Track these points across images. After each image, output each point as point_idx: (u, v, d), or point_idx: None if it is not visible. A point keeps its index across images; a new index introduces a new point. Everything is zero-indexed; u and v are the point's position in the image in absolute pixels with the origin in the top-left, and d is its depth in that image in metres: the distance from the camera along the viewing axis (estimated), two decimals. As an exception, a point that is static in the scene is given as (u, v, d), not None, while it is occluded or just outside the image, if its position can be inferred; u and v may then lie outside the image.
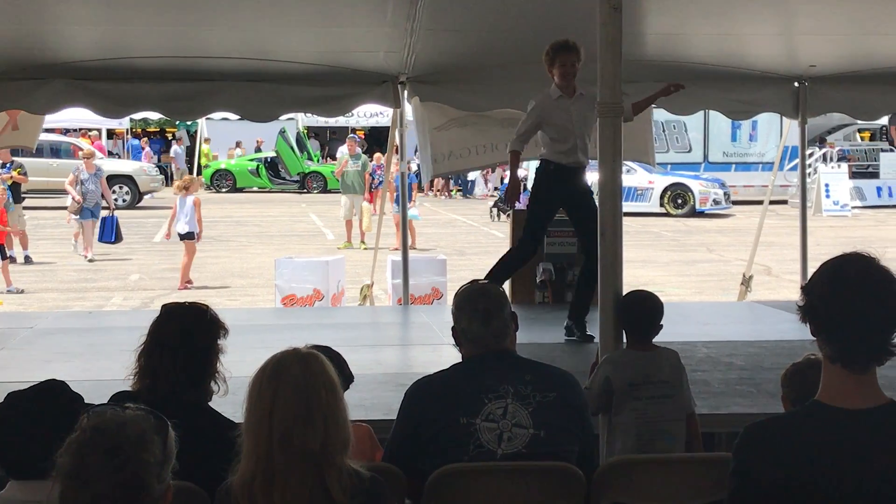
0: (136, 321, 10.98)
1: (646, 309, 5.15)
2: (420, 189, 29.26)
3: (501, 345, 4.40)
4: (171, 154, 40.70)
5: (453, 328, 4.49)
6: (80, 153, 24.02)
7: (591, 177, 27.25)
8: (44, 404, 3.43)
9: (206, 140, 41.78)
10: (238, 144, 42.36)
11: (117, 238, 20.54)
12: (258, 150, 41.94)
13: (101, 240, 20.56)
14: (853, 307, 2.82)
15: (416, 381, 4.44)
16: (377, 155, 26.01)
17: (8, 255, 17.72)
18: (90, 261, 20.45)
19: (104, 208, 20.78)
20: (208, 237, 24.71)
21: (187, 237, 17.81)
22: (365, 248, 21.77)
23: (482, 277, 8.85)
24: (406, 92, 10.73)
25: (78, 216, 20.81)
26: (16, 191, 20.34)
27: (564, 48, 8.56)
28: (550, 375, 4.42)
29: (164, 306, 4.26)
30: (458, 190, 39.49)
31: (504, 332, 4.41)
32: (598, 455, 4.75)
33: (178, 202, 18.03)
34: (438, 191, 39.58)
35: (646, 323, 5.11)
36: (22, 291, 17.04)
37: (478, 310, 4.39)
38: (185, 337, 4.08)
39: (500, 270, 9.00)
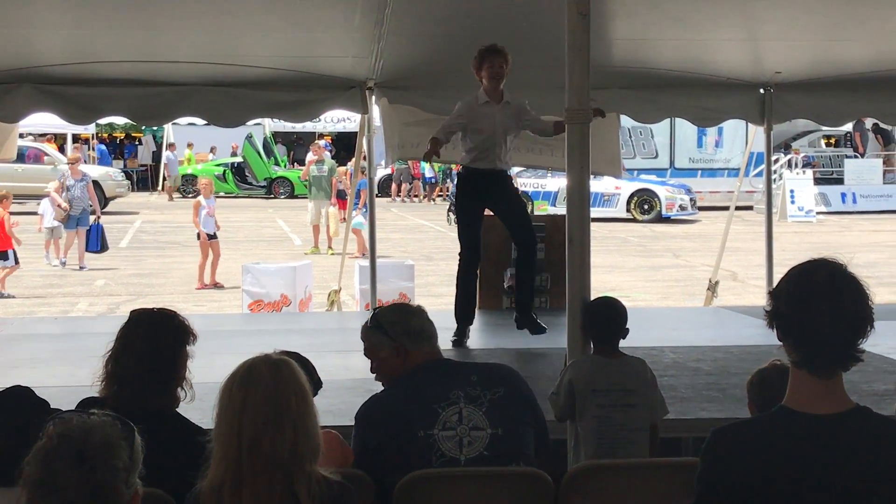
0: (103, 327, 10.94)
1: (608, 315, 5.18)
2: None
3: (438, 348, 4.55)
4: (164, 160, 40.21)
5: (399, 340, 4.49)
6: (67, 158, 24.57)
7: (558, 183, 27.17)
8: (9, 411, 3.41)
9: (189, 145, 41.61)
10: (212, 150, 42.22)
11: (103, 247, 20.37)
12: (234, 154, 41.74)
13: (87, 249, 20.32)
14: (819, 313, 2.83)
15: (363, 403, 4.45)
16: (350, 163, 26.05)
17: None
18: (81, 268, 20.18)
19: (91, 213, 20.57)
20: (174, 242, 24.68)
21: (213, 237, 18.67)
22: (332, 254, 21.74)
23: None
24: (374, 97, 10.73)
25: (60, 224, 20.50)
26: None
27: (491, 51, 8.54)
28: (494, 371, 4.53)
29: (132, 312, 4.24)
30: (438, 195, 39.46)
31: (436, 331, 4.59)
32: (549, 440, 4.73)
33: (206, 203, 18.69)
34: (416, 195, 39.63)
35: (609, 329, 5.14)
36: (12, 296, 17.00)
37: (414, 312, 4.63)
38: (153, 343, 4.05)
39: (461, 292, 9.03)
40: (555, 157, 11.29)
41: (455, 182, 9.21)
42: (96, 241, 20.25)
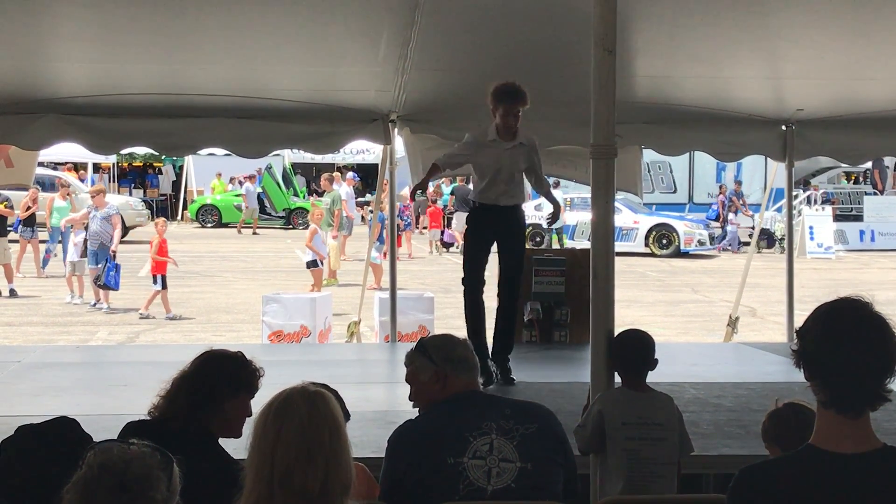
0: (123, 356, 10.97)
1: (638, 347, 5.17)
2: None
3: (477, 379, 4.60)
4: (243, 191, 40.18)
5: (441, 366, 4.55)
6: (90, 189, 22.00)
7: (576, 217, 27.03)
8: (56, 441, 3.44)
9: (218, 175, 41.70)
10: (232, 180, 42.30)
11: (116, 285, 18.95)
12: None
13: (105, 281, 18.68)
14: (847, 352, 2.84)
15: (397, 427, 4.48)
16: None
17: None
18: (110, 310, 18.68)
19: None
20: (194, 272, 24.73)
21: (312, 265, 19.29)
22: (333, 284, 21.78)
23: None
24: (396, 130, 10.78)
25: (83, 259, 19.40)
26: (1, 224, 20.32)
27: (511, 95, 8.36)
28: (528, 408, 4.53)
29: (208, 351, 4.40)
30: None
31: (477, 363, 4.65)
32: (579, 483, 4.73)
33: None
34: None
35: (638, 361, 5.12)
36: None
37: (459, 342, 4.68)
38: (224, 384, 4.22)
39: (473, 327, 8.93)
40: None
41: (469, 212, 9.15)
42: (116, 279, 18.70)
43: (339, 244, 23.76)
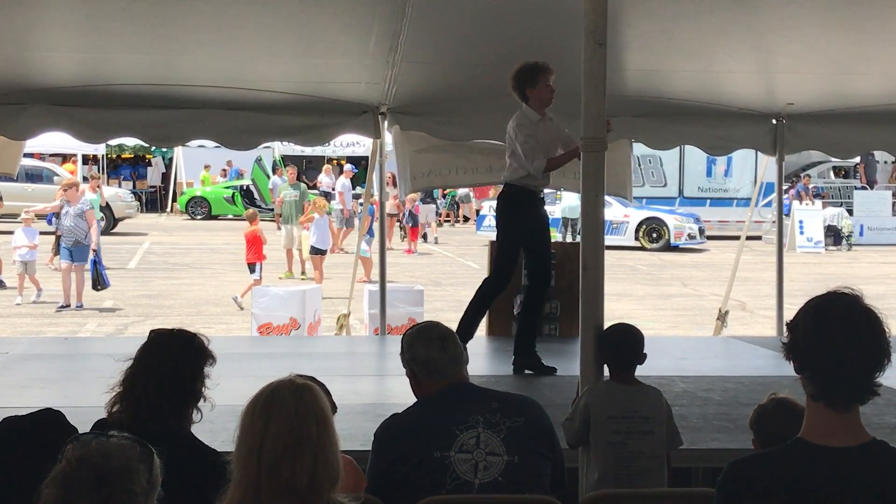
0: (111, 348, 10.95)
1: (626, 341, 5.16)
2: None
3: (461, 372, 4.50)
4: (270, 185, 40.15)
5: (410, 367, 4.53)
6: (63, 182, 20.69)
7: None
8: (41, 433, 3.41)
9: (206, 167, 41.63)
10: (219, 170, 42.27)
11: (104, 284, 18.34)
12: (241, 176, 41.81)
13: (105, 283, 18.15)
14: (836, 346, 2.84)
15: (384, 420, 4.46)
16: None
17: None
18: (78, 307, 17.94)
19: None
20: (182, 264, 24.69)
21: (320, 252, 20.20)
22: (304, 279, 21.83)
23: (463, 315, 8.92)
24: (386, 122, 10.75)
25: (34, 260, 18.76)
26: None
27: (546, 66, 8.38)
28: (515, 401, 4.50)
29: (152, 332, 4.25)
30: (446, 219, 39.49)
31: (460, 356, 4.52)
32: (566, 476, 4.72)
33: (316, 222, 20.51)
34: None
35: (626, 355, 5.11)
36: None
37: (432, 338, 4.51)
38: (172, 364, 4.06)
39: (474, 321, 8.95)
40: (566, 178, 11.30)
41: (508, 201, 8.87)
42: (104, 279, 18.14)
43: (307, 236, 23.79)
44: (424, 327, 4.62)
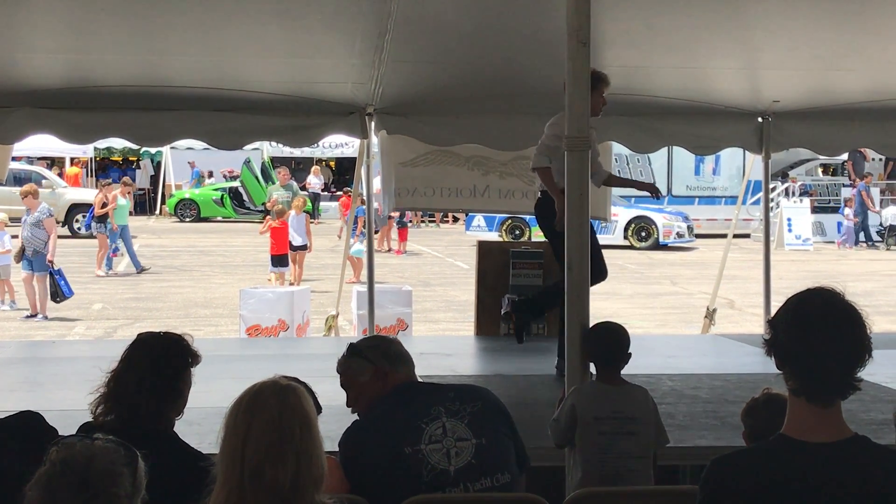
0: (100, 351, 10.92)
1: (612, 340, 5.15)
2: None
3: (413, 372, 4.71)
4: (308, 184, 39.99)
5: (379, 363, 4.64)
6: (21, 190, 19.40)
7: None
8: (19, 436, 3.40)
9: (191, 164, 41.61)
10: (210, 174, 42.24)
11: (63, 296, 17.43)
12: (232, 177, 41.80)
13: (65, 294, 17.33)
14: (817, 341, 2.85)
15: (345, 430, 4.51)
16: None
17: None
18: (44, 317, 17.30)
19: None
20: (171, 266, 24.65)
21: (301, 248, 20.36)
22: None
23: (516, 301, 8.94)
24: (373, 123, 10.73)
25: (8, 264, 18.07)
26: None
27: (606, 79, 8.26)
28: (469, 389, 4.71)
29: (139, 334, 4.25)
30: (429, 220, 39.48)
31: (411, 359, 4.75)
32: (528, 457, 4.75)
33: (292, 219, 20.44)
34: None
35: (612, 355, 5.11)
36: None
37: (394, 341, 4.82)
38: (154, 363, 4.05)
39: (544, 298, 8.98)
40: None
41: (540, 209, 8.71)
42: (67, 288, 17.28)
43: None
44: (375, 336, 4.99)
